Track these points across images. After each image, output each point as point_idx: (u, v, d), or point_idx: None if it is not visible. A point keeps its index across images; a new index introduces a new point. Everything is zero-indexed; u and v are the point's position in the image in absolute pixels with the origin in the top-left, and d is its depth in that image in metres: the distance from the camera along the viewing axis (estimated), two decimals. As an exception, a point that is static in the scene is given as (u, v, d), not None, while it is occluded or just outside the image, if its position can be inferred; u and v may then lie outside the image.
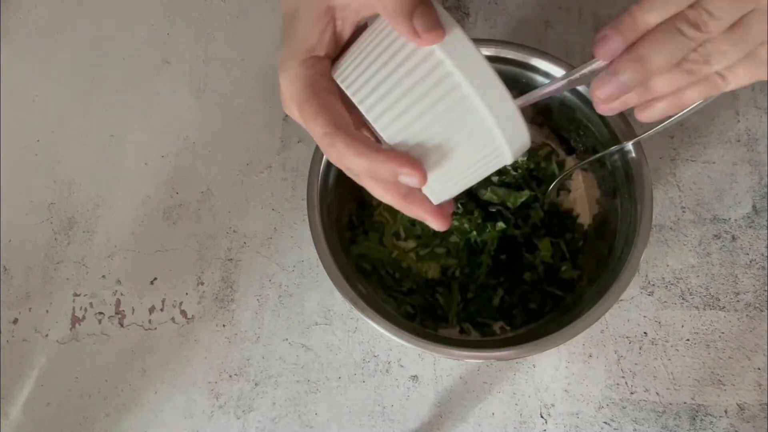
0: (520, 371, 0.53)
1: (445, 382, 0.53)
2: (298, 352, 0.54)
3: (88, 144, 0.60)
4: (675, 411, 0.52)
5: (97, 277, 0.56)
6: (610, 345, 0.53)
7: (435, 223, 0.35)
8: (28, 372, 0.54)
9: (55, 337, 0.55)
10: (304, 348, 0.54)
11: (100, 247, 0.57)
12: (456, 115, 0.30)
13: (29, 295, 0.56)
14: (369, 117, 0.31)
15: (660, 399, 0.52)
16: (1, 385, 0.54)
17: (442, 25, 0.29)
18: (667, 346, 0.53)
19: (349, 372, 0.53)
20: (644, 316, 0.54)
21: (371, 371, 0.53)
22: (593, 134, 0.50)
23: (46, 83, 0.61)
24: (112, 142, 0.59)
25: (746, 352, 0.52)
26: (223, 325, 0.55)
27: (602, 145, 0.49)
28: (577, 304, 0.48)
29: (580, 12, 0.61)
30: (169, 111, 0.60)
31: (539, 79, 0.50)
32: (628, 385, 0.52)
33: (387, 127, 0.31)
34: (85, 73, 0.61)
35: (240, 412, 0.53)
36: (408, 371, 0.53)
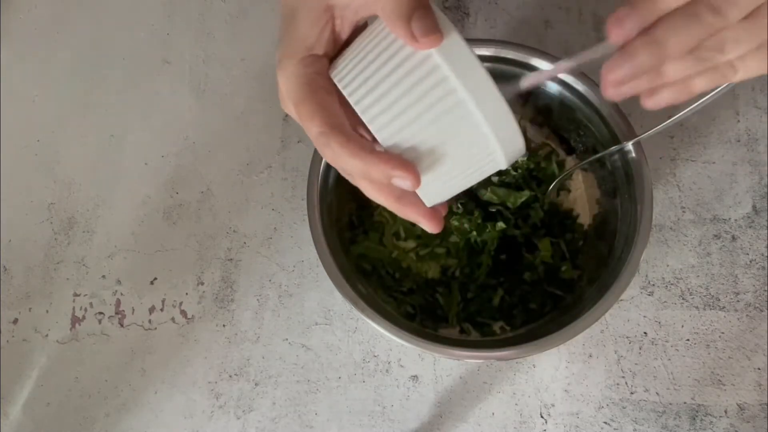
0: (520, 371, 0.53)
1: (445, 382, 0.53)
2: (298, 352, 0.54)
3: (88, 144, 0.60)
4: (675, 411, 0.52)
5: (97, 277, 0.56)
6: (610, 345, 0.53)
7: (428, 225, 0.35)
8: (28, 372, 0.55)
9: (55, 337, 0.55)
10: (304, 348, 0.54)
11: (100, 247, 0.57)
12: (451, 120, 0.30)
13: (29, 295, 0.56)
14: (364, 118, 0.31)
15: (660, 399, 0.52)
16: (1, 385, 0.54)
17: (440, 30, 0.29)
18: (667, 346, 0.53)
19: (349, 372, 0.53)
20: (644, 316, 0.54)
21: (371, 371, 0.53)
22: (593, 134, 0.50)
23: (46, 83, 0.61)
24: (112, 142, 0.59)
25: (746, 352, 0.52)
26: (223, 325, 0.55)
27: (602, 145, 0.49)
28: (577, 304, 0.48)
29: (580, 12, 0.61)
30: (169, 111, 0.60)
31: (539, 79, 0.50)
32: (628, 385, 0.52)
33: (382, 129, 0.31)
34: (85, 73, 0.61)
35: (240, 412, 0.53)
36: (408, 371, 0.53)
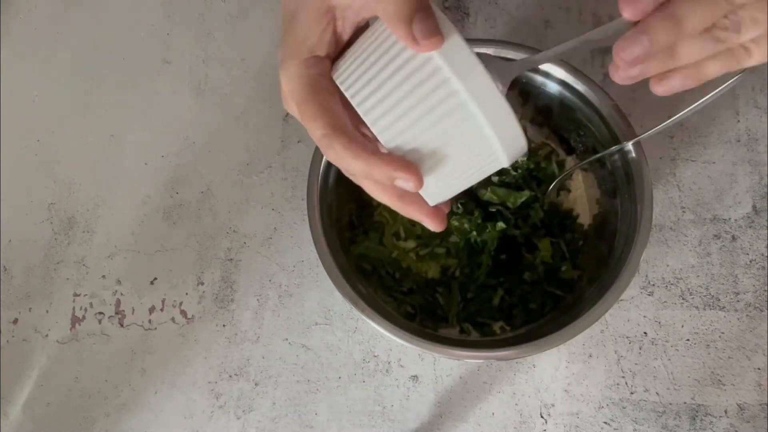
0: (520, 371, 0.53)
1: (445, 382, 0.53)
2: (298, 352, 0.54)
3: (88, 144, 0.60)
4: (675, 411, 0.52)
5: (97, 277, 0.56)
6: (610, 345, 0.53)
7: (431, 224, 0.35)
8: (28, 372, 0.54)
9: (55, 337, 0.55)
10: (304, 348, 0.54)
11: (100, 247, 0.57)
12: (453, 121, 0.30)
13: (29, 295, 0.56)
14: (367, 120, 0.31)
15: (660, 399, 0.52)
16: (1, 385, 0.54)
17: (441, 32, 0.29)
18: (667, 346, 0.53)
19: (349, 372, 0.53)
20: (644, 316, 0.53)
21: (371, 371, 0.53)
22: (593, 134, 0.50)
23: (46, 83, 0.61)
24: (112, 142, 0.59)
25: (746, 352, 0.52)
26: (223, 325, 0.55)
27: (602, 145, 0.49)
28: (577, 304, 0.48)
29: (580, 12, 0.61)
30: (169, 111, 0.60)
31: (539, 79, 0.50)
32: (628, 385, 0.52)
33: (384, 131, 0.31)
34: (85, 73, 0.61)
35: (240, 412, 0.53)
36: (408, 371, 0.53)
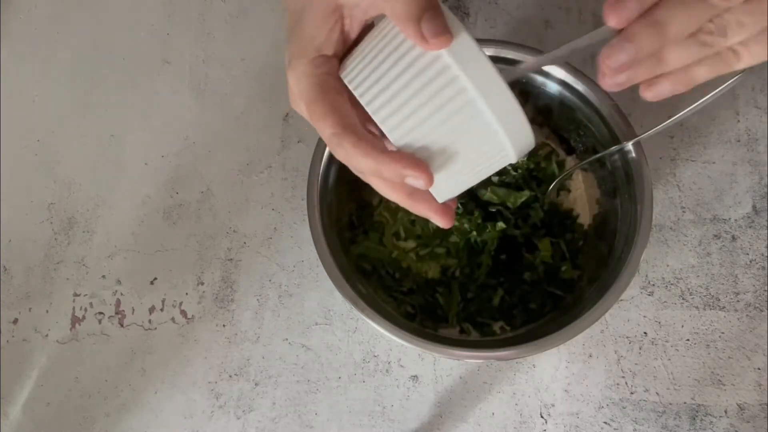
0: (520, 371, 0.53)
1: (445, 382, 0.53)
2: (298, 352, 0.54)
3: (88, 144, 0.60)
4: (675, 411, 0.52)
5: (97, 277, 0.56)
6: (610, 345, 0.53)
7: (440, 220, 0.36)
8: (28, 372, 0.54)
9: (55, 337, 0.55)
10: (304, 348, 0.54)
11: (100, 247, 0.57)
12: (462, 119, 0.30)
13: (29, 295, 0.56)
14: (376, 118, 0.31)
15: (660, 399, 0.52)
16: (1, 385, 0.54)
17: (450, 30, 0.29)
18: (667, 346, 0.53)
19: (349, 372, 0.53)
20: (644, 316, 0.53)
21: (371, 371, 0.53)
22: (593, 134, 0.50)
23: (46, 83, 0.61)
24: (112, 142, 0.59)
25: (746, 352, 0.52)
26: (223, 325, 0.55)
27: (602, 145, 0.49)
28: (577, 304, 0.48)
29: (580, 12, 0.61)
30: (169, 111, 0.60)
31: (539, 79, 0.50)
32: (628, 385, 0.52)
33: (394, 129, 0.31)
34: (85, 73, 0.61)
35: (240, 412, 0.53)
36: (408, 371, 0.53)
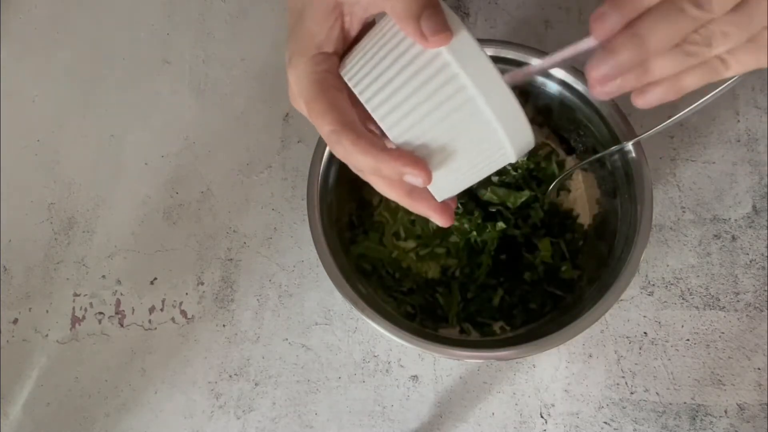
0: (520, 371, 0.53)
1: (445, 382, 0.53)
2: (298, 352, 0.54)
3: (88, 144, 0.60)
4: (675, 411, 0.52)
5: (97, 277, 0.56)
6: (610, 345, 0.53)
7: (439, 219, 0.35)
8: (28, 372, 0.54)
9: (55, 337, 0.55)
10: (304, 348, 0.54)
11: (100, 247, 0.57)
12: (461, 117, 0.30)
13: (29, 295, 0.56)
14: (376, 116, 0.31)
15: (660, 399, 0.52)
16: (1, 385, 0.54)
17: (450, 28, 0.29)
18: (667, 346, 0.53)
19: (349, 372, 0.53)
20: (644, 316, 0.53)
21: (371, 371, 0.53)
22: (593, 134, 0.50)
23: (46, 83, 0.61)
24: (112, 142, 0.59)
25: (746, 352, 0.52)
26: (223, 325, 0.55)
27: (602, 145, 0.49)
28: (577, 304, 0.48)
29: (580, 12, 0.61)
30: (169, 111, 0.60)
31: (539, 79, 0.50)
32: (628, 385, 0.52)
33: (393, 127, 0.31)
34: (85, 73, 0.61)
35: (240, 412, 0.53)
36: (408, 371, 0.53)
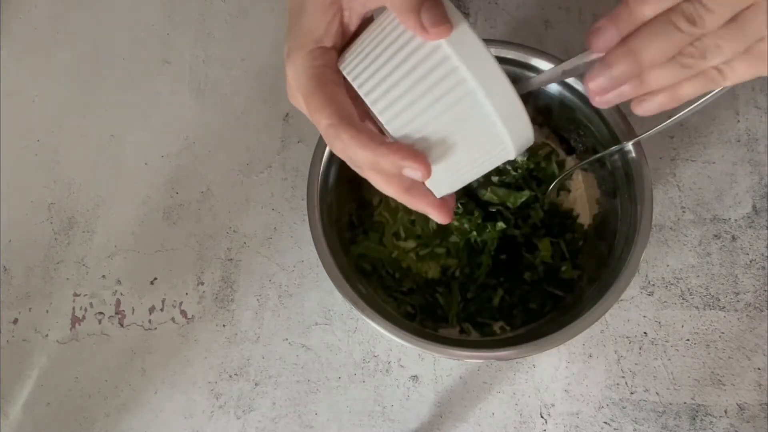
0: (520, 371, 0.53)
1: (445, 382, 0.53)
2: (298, 352, 0.54)
3: (88, 144, 0.60)
4: (675, 411, 0.52)
5: (97, 277, 0.56)
6: (610, 345, 0.53)
7: (438, 215, 0.35)
8: (28, 372, 0.54)
9: (55, 337, 0.55)
10: (304, 348, 0.54)
11: (100, 247, 0.57)
12: (461, 110, 0.30)
13: (29, 295, 0.56)
14: (374, 109, 0.31)
15: (660, 399, 0.52)
16: (1, 385, 0.54)
17: (450, 20, 0.29)
18: (667, 346, 0.53)
19: (349, 372, 0.53)
20: (644, 316, 0.53)
21: (371, 371, 0.53)
22: (593, 134, 0.50)
23: (46, 83, 0.61)
24: (112, 142, 0.59)
25: (746, 352, 0.52)
26: (223, 325, 0.55)
27: (602, 145, 0.49)
28: (577, 304, 0.48)
29: (580, 12, 0.61)
30: (169, 111, 0.60)
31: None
32: (628, 385, 0.52)
33: (392, 120, 0.31)
34: (85, 73, 0.61)
35: (240, 412, 0.53)
36: (408, 371, 0.53)
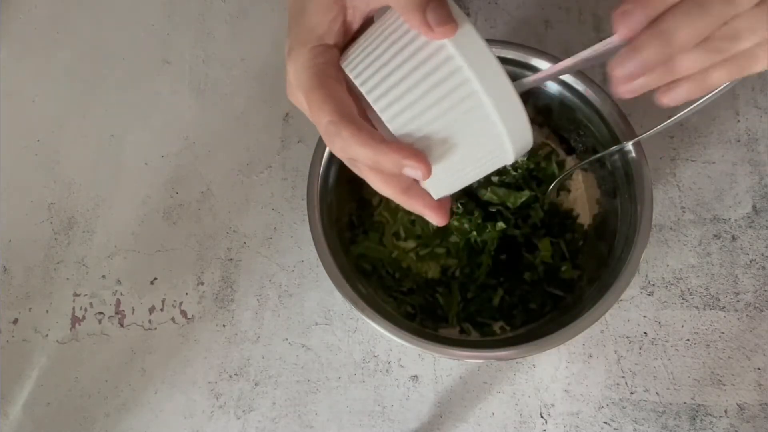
0: (520, 371, 0.53)
1: (445, 382, 0.53)
2: (298, 352, 0.54)
3: (88, 144, 0.60)
4: (675, 411, 0.52)
5: (97, 277, 0.56)
6: (610, 345, 0.53)
7: (435, 217, 0.35)
8: (28, 372, 0.54)
9: (55, 337, 0.55)
10: (304, 348, 0.54)
11: (100, 247, 0.57)
12: (463, 111, 0.30)
13: (29, 295, 0.56)
14: (376, 107, 0.31)
15: (660, 399, 0.52)
16: (1, 385, 0.54)
17: (455, 20, 0.29)
18: (667, 346, 0.53)
19: (349, 372, 0.53)
20: (644, 316, 0.53)
21: (371, 371, 0.53)
22: (593, 134, 0.50)
23: (46, 83, 0.61)
24: (112, 142, 0.59)
25: (746, 352, 0.52)
26: (223, 325, 0.55)
27: (602, 145, 0.49)
28: (577, 304, 0.48)
29: (580, 12, 0.61)
30: (169, 111, 0.60)
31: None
32: (628, 385, 0.52)
33: (394, 119, 0.31)
34: (85, 73, 0.61)
35: (240, 412, 0.53)
36: (408, 371, 0.53)
